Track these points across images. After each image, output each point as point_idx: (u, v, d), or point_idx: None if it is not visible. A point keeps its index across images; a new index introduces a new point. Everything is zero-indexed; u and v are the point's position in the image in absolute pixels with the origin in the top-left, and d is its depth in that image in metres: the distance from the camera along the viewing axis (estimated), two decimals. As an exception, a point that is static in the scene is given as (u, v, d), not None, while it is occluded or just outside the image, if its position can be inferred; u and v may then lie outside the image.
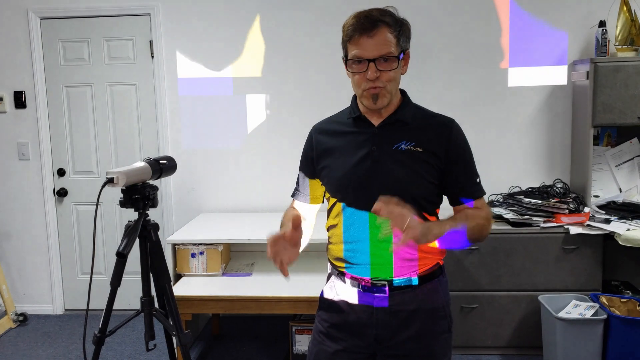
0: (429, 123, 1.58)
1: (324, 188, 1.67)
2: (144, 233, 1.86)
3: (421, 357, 1.57)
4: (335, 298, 1.63)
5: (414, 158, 1.52)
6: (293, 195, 1.77)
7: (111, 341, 3.52)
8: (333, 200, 1.63)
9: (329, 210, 1.66)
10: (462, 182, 1.56)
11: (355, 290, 1.58)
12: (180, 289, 3.03)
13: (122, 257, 1.69)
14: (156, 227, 1.90)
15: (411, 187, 1.52)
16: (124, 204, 1.80)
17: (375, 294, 1.55)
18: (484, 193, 1.60)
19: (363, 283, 1.56)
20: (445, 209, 1.63)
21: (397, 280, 1.54)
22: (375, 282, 1.55)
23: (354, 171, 1.55)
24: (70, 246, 4.05)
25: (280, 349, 3.44)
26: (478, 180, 1.59)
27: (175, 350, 2.19)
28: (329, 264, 1.70)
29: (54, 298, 4.07)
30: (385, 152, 1.53)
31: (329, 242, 1.68)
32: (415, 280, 1.55)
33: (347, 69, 1.54)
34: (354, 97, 1.63)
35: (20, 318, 3.89)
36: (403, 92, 1.63)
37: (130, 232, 1.72)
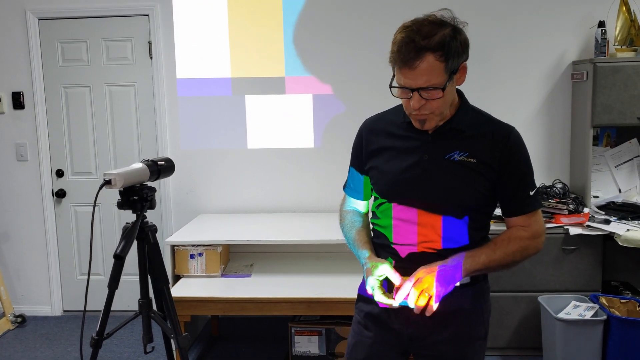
0: (486, 131, 1.51)
1: None
2: (142, 235, 1.85)
3: None
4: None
5: (466, 169, 1.47)
6: (346, 190, 1.74)
7: (110, 343, 3.51)
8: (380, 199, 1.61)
9: (376, 201, 1.64)
10: (514, 196, 1.51)
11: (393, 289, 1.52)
12: (179, 290, 3.02)
13: (119, 259, 1.68)
14: (154, 229, 1.89)
15: (461, 198, 1.48)
16: (121, 205, 1.79)
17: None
18: (539, 206, 1.55)
19: None
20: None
21: None
22: None
23: (402, 177, 1.51)
24: (69, 247, 4.04)
25: (279, 350, 3.44)
26: (532, 193, 1.53)
27: (174, 352, 2.18)
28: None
29: (53, 299, 4.06)
30: (437, 162, 1.49)
31: (374, 234, 1.66)
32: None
33: (391, 92, 1.46)
34: None
35: (19, 319, 3.88)
36: (460, 95, 1.57)
37: (128, 234, 1.71)
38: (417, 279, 1.40)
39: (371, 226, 1.68)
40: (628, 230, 3.02)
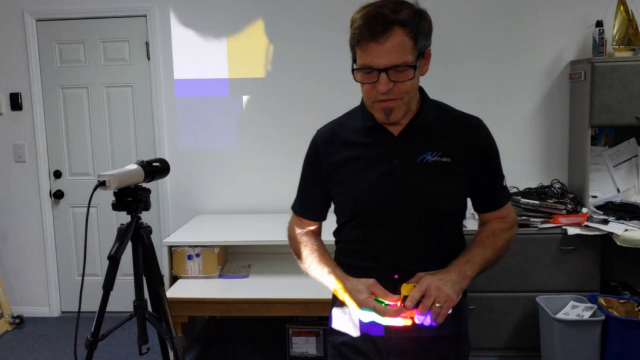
0: (454, 126, 1.39)
1: (331, 203, 1.49)
2: (136, 236, 1.84)
3: None
4: (347, 324, 1.46)
5: (442, 171, 1.34)
6: (297, 211, 1.54)
7: (107, 344, 3.51)
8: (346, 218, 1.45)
9: (341, 225, 1.48)
10: (490, 190, 1.43)
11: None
12: (177, 291, 3.02)
13: (114, 260, 1.68)
14: (149, 230, 1.89)
15: (442, 204, 1.36)
16: (116, 206, 1.79)
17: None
18: (510, 195, 1.47)
19: None
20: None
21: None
22: None
23: (375, 191, 1.35)
24: (66, 248, 4.04)
25: (277, 351, 3.43)
26: (504, 184, 1.46)
27: (169, 354, 2.18)
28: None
29: (51, 300, 4.06)
30: (410, 166, 1.34)
31: (341, 255, 1.49)
32: None
33: (354, 77, 1.31)
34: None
35: (17, 321, 3.88)
36: (420, 90, 1.42)
37: (122, 235, 1.71)
38: (427, 288, 1.25)
39: (335, 248, 1.52)
40: (626, 230, 3.01)
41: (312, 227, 1.54)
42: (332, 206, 1.50)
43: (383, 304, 1.28)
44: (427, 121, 1.37)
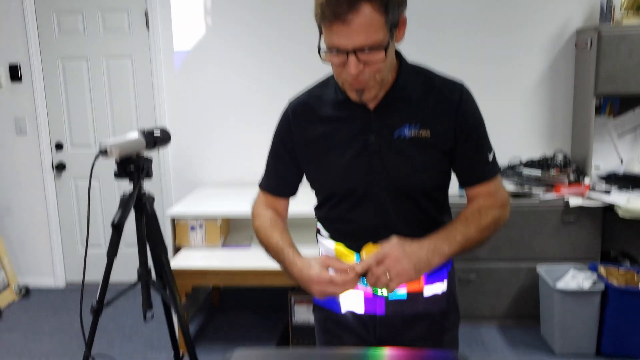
0: (434, 94, 1.27)
1: (302, 177, 1.42)
2: (139, 205, 1.85)
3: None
4: (331, 300, 1.42)
5: (421, 146, 1.25)
6: (264, 187, 1.47)
7: (113, 313, 3.55)
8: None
9: (320, 203, 1.41)
10: (474, 163, 1.31)
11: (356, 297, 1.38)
12: (180, 261, 3.04)
13: (117, 228, 1.69)
14: (152, 199, 1.89)
15: (421, 182, 1.28)
16: (118, 175, 1.79)
17: (377, 303, 1.35)
18: (499, 170, 1.35)
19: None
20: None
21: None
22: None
23: (349, 170, 1.28)
24: (70, 220, 4.06)
25: (279, 320, 3.47)
26: (491, 156, 1.33)
27: (174, 321, 2.21)
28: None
29: (56, 271, 4.10)
30: (386, 143, 1.26)
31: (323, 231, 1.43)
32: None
33: (320, 57, 1.19)
34: None
35: (23, 291, 3.92)
36: (398, 55, 1.30)
37: (125, 203, 1.71)
38: (384, 256, 1.18)
39: (318, 224, 1.45)
40: (628, 200, 3.01)
41: (279, 206, 1.46)
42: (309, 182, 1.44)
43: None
44: (405, 91, 1.27)
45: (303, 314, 3.15)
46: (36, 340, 3.29)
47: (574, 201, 3.08)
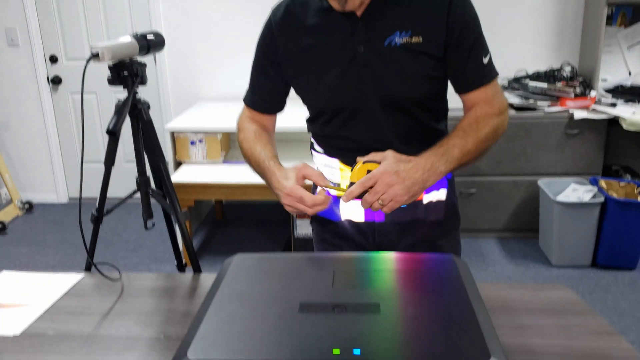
0: None
1: (289, 92, 1.35)
2: (135, 112, 1.81)
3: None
4: (328, 210, 1.38)
5: (414, 53, 1.17)
6: (248, 101, 1.39)
7: (116, 228, 3.61)
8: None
9: (311, 117, 1.34)
10: (468, 67, 1.22)
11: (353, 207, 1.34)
12: (181, 175, 3.04)
13: (112, 134, 1.65)
14: (147, 105, 1.85)
15: (415, 92, 1.21)
16: (112, 81, 1.73)
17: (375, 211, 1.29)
18: (496, 74, 1.26)
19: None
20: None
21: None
22: None
23: (338, 86, 1.21)
24: (69, 135, 4.03)
25: (282, 233, 3.53)
26: (487, 59, 1.23)
27: (176, 231, 2.22)
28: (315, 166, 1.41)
29: (58, 187, 4.12)
30: (376, 52, 1.18)
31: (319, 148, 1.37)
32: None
33: None
34: None
35: (26, 206, 3.96)
36: None
37: (119, 109, 1.67)
38: (375, 180, 1.11)
39: (312, 138, 1.39)
40: (634, 113, 2.96)
41: (265, 121, 1.38)
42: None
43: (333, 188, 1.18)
44: None
45: (305, 228, 3.19)
46: (41, 253, 3.36)
47: (579, 114, 3.03)
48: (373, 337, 0.77)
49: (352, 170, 1.15)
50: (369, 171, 1.12)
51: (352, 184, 1.13)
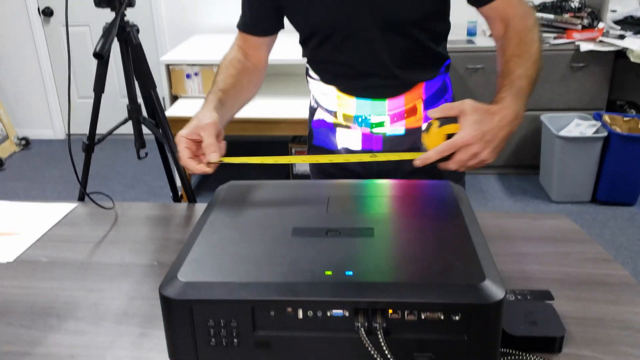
0: None
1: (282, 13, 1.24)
2: (123, 35, 1.74)
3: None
4: (327, 139, 1.34)
5: None
6: (244, 29, 1.28)
7: (113, 163, 3.59)
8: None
9: (303, 40, 1.24)
10: None
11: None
12: (178, 110, 2.99)
13: (99, 57, 1.59)
14: (136, 28, 1.78)
15: (415, 11, 1.11)
16: (99, 3, 1.66)
17: (373, 140, 1.27)
18: None
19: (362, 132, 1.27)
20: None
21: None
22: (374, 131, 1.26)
23: (329, 6, 1.12)
24: (64, 69, 3.95)
25: (281, 169, 3.51)
26: None
27: (170, 161, 2.19)
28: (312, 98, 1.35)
29: (54, 123, 4.07)
30: None
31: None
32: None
33: None
34: None
35: (23, 142, 3.93)
36: None
37: (107, 31, 1.61)
38: (454, 147, 0.96)
39: (306, 65, 1.30)
40: (643, 45, 2.87)
41: (255, 49, 1.28)
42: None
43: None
44: None
45: (304, 165, 3.17)
46: (39, 188, 3.35)
47: (585, 46, 2.94)
48: (365, 260, 0.75)
49: (426, 132, 1.02)
50: (448, 135, 0.98)
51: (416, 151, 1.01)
